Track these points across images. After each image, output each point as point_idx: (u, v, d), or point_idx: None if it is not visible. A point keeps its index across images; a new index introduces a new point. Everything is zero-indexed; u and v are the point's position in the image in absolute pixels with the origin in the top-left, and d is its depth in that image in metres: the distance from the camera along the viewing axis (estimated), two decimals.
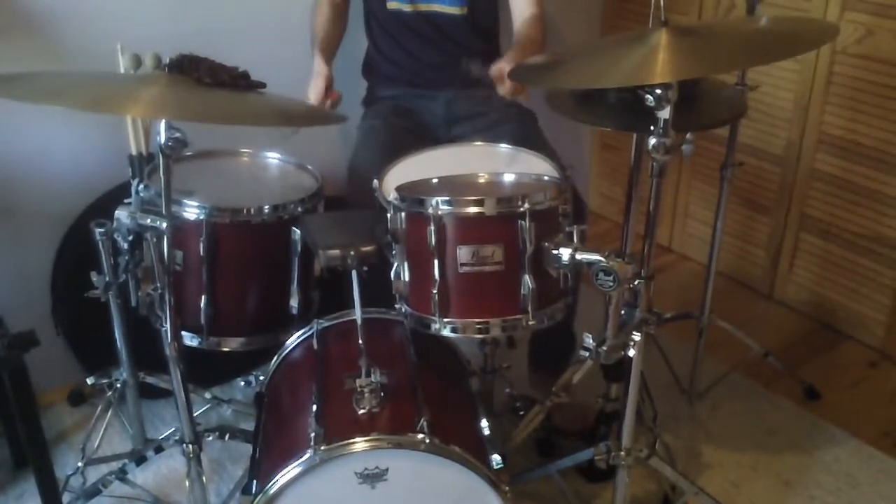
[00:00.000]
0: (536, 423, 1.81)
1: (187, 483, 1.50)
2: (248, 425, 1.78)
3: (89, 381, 1.91)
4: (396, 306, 1.55)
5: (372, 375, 1.41)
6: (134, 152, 1.68)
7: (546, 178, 1.56)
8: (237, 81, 1.39)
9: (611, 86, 1.67)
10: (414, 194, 1.46)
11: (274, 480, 1.33)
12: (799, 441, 2.09)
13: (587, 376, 1.69)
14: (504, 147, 1.75)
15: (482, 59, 2.06)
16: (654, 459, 1.65)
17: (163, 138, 1.26)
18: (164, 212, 1.32)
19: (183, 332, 1.57)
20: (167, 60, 1.39)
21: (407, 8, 2.06)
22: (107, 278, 1.66)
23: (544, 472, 1.81)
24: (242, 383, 1.93)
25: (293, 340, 1.68)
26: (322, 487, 1.35)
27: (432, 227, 1.41)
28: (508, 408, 2.05)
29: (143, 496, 1.86)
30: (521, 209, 1.40)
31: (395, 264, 1.50)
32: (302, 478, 1.33)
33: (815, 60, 2.36)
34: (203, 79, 1.34)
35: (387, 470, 1.35)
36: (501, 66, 1.75)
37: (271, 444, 1.49)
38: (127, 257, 1.58)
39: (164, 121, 1.25)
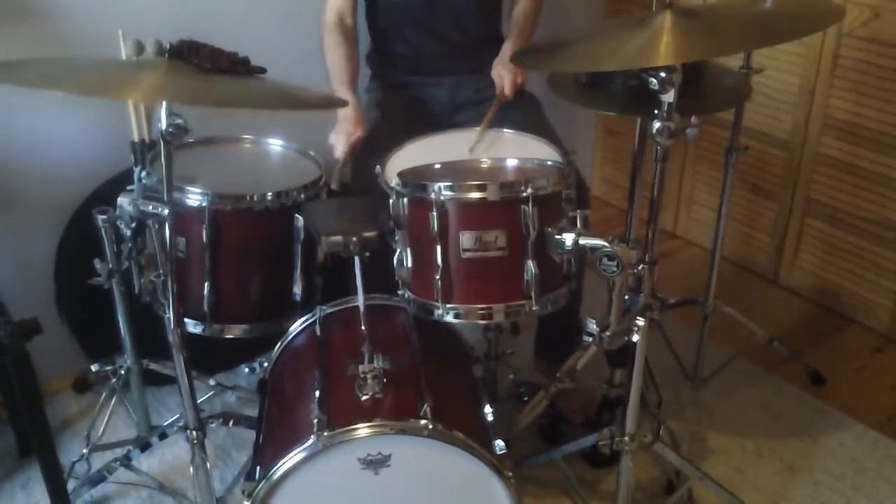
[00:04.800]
0: (540, 409, 1.81)
1: (191, 469, 1.51)
2: (252, 412, 1.79)
3: (93, 368, 1.91)
4: (399, 292, 1.55)
5: (375, 362, 1.41)
6: (136, 139, 1.68)
7: (549, 163, 1.55)
8: (237, 67, 1.38)
9: (614, 69, 1.66)
10: (416, 180, 1.45)
11: (277, 466, 1.34)
12: (804, 426, 2.09)
13: (591, 362, 1.69)
14: (507, 132, 1.74)
15: (486, 42, 2.05)
16: (658, 445, 1.65)
17: (164, 124, 1.25)
18: (165, 199, 1.32)
19: (186, 319, 1.58)
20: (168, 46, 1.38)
21: None
22: (110, 266, 1.65)
23: (548, 457, 1.82)
24: (246, 370, 1.94)
25: (296, 327, 1.68)
26: (325, 473, 1.36)
27: (435, 213, 1.41)
28: (512, 394, 2.05)
29: (148, 482, 1.87)
30: (524, 194, 1.40)
31: (398, 250, 1.50)
32: (305, 464, 1.34)
33: (821, 43, 2.34)
34: (203, 64, 1.33)
35: (389, 456, 1.36)
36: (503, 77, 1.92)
37: (275, 430, 1.49)
38: (130, 244, 1.57)
39: (164, 107, 1.25)
